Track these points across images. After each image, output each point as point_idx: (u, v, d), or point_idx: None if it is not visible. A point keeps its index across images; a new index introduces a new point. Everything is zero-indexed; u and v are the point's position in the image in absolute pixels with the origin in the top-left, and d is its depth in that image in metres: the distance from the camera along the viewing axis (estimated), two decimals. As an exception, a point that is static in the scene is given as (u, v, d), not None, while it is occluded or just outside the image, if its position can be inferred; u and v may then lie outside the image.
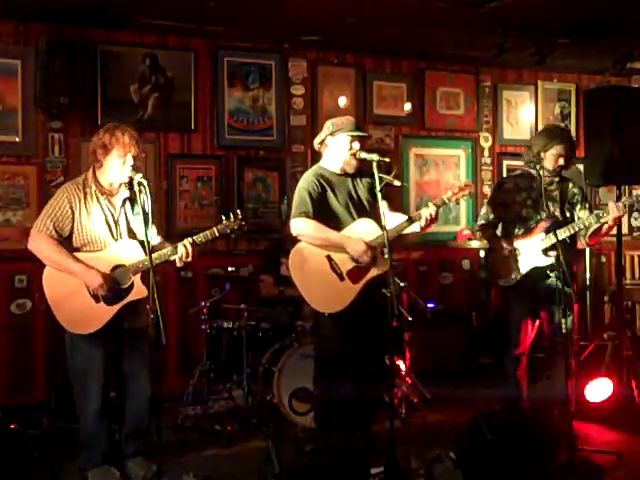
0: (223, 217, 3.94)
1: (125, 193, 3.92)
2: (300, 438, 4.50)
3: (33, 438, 4.72)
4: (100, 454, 3.94)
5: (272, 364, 4.89)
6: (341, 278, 4.14)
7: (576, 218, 4.55)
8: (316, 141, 4.38)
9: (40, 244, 3.81)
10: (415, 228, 4.19)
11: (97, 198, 3.87)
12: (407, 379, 5.24)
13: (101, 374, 3.87)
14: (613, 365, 5.16)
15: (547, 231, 4.44)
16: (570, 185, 4.65)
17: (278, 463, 3.49)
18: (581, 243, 4.60)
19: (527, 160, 4.67)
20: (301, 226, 4.17)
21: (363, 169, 4.30)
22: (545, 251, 4.43)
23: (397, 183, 4.06)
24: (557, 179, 4.56)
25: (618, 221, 4.40)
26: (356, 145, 4.22)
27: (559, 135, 4.61)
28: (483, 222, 4.77)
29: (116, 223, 3.90)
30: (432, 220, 4.11)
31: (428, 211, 4.09)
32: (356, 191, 4.29)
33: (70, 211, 3.82)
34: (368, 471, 3.69)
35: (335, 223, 4.20)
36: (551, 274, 4.44)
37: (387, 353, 4.22)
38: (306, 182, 4.26)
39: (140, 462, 3.99)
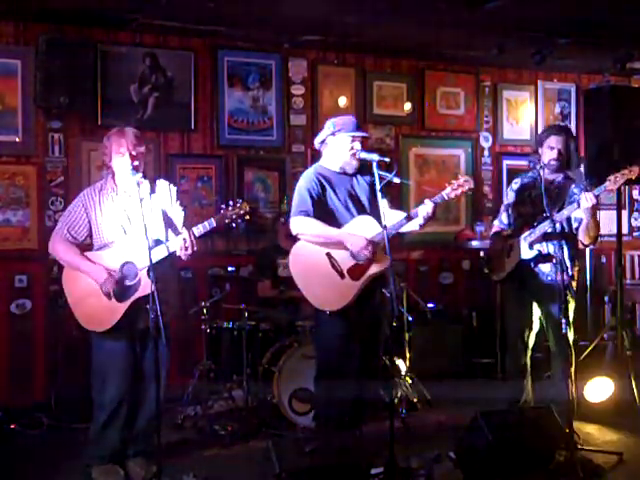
0: (222, 206, 3.89)
1: (144, 193, 3.92)
2: (300, 438, 4.50)
3: (33, 438, 4.73)
4: (107, 452, 3.96)
5: (272, 364, 4.88)
6: (342, 276, 4.14)
7: (572, 217, 4.54)
8: (317, 140, 4.39)
9: (56, 247, 3.99)
10: (414, 227, 4.19)
11: (112, 198, 3.95)
12: (407, 379, 5.23)
13: (121, 374, 3.92)
14: (613, 365, 5.16)
15: (534, 226, 4.48)
16: (572, 186, 4.64)
17: (278, 463, 3.49)
18: (581, 242, 4.60)
19: (532, 160, 4.72)
20: (301, 224, 4.18)
21: (362, 168, 4.31)
22: (530, 245, 4.49)
23: (396, 180, 4.06)
24: (559, 178, 4.55)
25: (593, 211, 4.36)
26: (357, 145, 4.22)
27: (552, 128, 4.75)
28: (499, 225, 4.83)
29: (131, 222, 3.93)
30: (430, 218, 4.11)
31: (425, 209, 4.08)
32: (355, 190, 4.30)
33: (85, 215, 3.95)
34: (368, 471, 3.69)
35: (335, 221, 4.20)
36: (537, 268, 4.52)
37: (387, 353, 4.22)
38: (306, 181, 4.26)
39: (140, 462, 3.99)
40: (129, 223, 3.93)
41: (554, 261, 4.28)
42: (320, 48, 6.25)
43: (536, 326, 4.65)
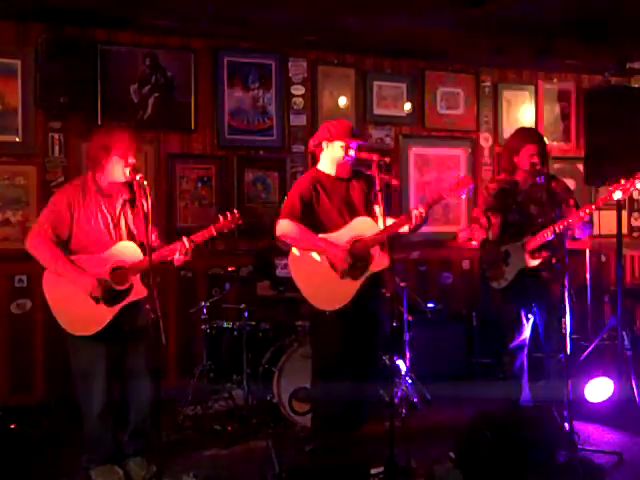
0: (220, 217, 3.94)
1: (125, 195, 3.93)
2: (300, 438, 4.50)
3: (33, 438, 4.73)
4: (103, 454, 3.94)
5: (272, 364, 4.89)
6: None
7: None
8: (311, 143, 4.40)
9: (37, 246, 3.81)
10: (404, 229, 4.19)
11: (96, 200, 3.88)
12: (407, 379, 5.24)
13: (104, 375, 3.86)
14: (613, 365, 5.16)
15: (532, 234, 4.49)
16: (554, 184, 4.65)
17: (278, 463, 3.49)
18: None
19: (505, 167, 4.73)
20: (285, 228, 4.22)
21: (359, 173, 4.32)
22: (532, 253, 4.48)
23: (395, 182, 4.08)
24: (540, 180, 4.55)
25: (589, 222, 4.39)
26: (352, 152, 4.23)
27: (527, 136, 4.68)
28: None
29: (115, 225, 3.90)
30: (422, 220, 4.10)
31: (417, 210, 4.09)
32: (350, 195, 4.31)
33: (69, 213, 3.82)
34: (368, 471, 3.69)
35: (328, 226, 4.22)
36: (541, 273, 4.54)
37: (387, 353, 4.23)
38: (300, 185, 4.30)
39: (140, 462, 3.98)
40: (112, 226, 3.88)
41: (556, 264, 4.28)
42: (320, 48, 6.25)
43: (529, 327, 4.68)
